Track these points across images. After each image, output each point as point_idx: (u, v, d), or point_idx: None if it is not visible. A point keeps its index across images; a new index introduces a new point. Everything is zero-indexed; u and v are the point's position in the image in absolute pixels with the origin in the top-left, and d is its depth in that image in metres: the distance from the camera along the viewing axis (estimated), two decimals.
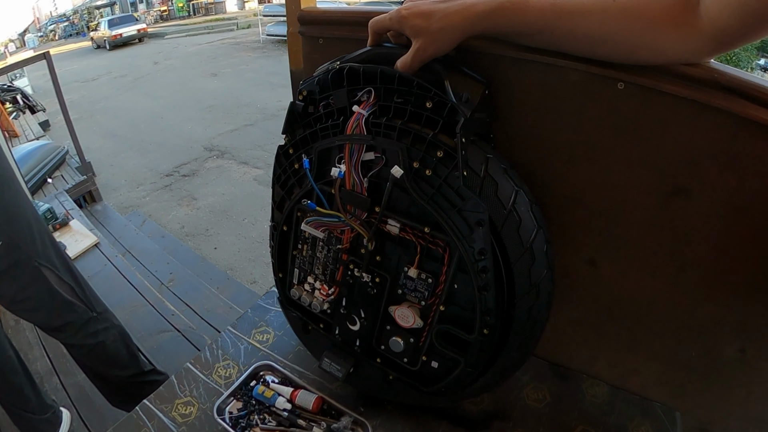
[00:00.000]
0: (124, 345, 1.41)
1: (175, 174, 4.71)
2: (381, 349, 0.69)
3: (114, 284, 2.21)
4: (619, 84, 0.57)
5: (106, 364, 1.38)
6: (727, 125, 0.54)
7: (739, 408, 0.71)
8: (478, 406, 0.76)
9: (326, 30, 0.76)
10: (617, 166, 0.62)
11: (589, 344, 0.78)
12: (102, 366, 1.39)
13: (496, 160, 0.55)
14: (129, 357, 1.42)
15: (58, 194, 3.05)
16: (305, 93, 0.63)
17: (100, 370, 1.41)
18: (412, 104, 0.56)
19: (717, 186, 0.58)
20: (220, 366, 0.83)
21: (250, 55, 10.78)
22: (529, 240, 0.55)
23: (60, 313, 1.23)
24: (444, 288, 0.60)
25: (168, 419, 0.74)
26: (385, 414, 0.74)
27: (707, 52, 0.51)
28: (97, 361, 1.37)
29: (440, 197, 0.55)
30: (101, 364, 1.38)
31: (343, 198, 0.61)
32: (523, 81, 0.62)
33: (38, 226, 1.18)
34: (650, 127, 0.58)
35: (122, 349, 1.40)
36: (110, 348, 1.35)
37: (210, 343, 0.88)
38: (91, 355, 1.34)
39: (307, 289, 0.73)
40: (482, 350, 0.60)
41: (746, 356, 0.66)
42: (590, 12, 0.51)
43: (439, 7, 0.54)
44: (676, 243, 0.64)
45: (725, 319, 0.65)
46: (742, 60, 5.08)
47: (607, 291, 0.72)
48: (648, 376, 0.75)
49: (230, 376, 0.81)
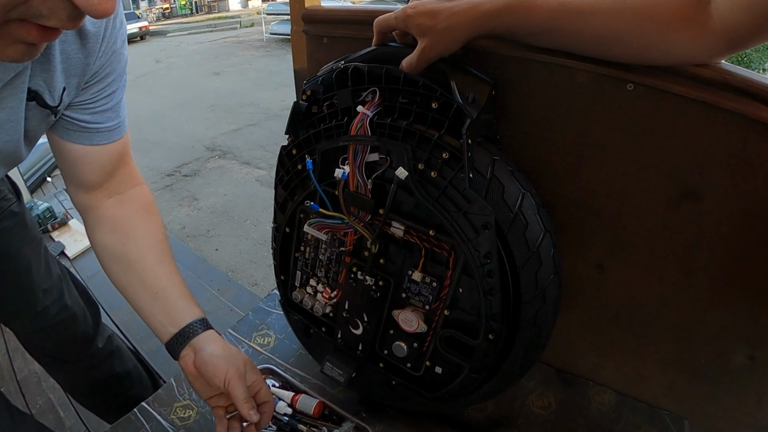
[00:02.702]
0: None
1: (177, 174, 4.70)
2: (384, 354, 0.68)
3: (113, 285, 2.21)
4: (628, 85, 0.56)
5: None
6: (739, 127, 0.53)
7: (749, 416, 0.70)
8: (482, 412, 0.75)
9: (330, 29, 0.75)
10: (626, 168, 0.61)
11: (596, 350, 0.77)
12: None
13: (502, 162, 0.54)
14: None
15: (57, 193, 3.03)
16: (309, 93, 0.63)
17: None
18: (417, 105, 0.55)
19: (728, 189, 0.57)
20: None
21: (253, 54, 10.80)
22: (535, 244, 0.54)
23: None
24: (449, 292, 0.59)
25: (167, 422, 0.73)
26: (387, 420, 0.73)
27: (718, 53, 0.50)
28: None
29: (445, 199, 0.54)
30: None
31: (347, 199, 0.60)
32: (531, 81, 0.61)
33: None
34: (660, 129, 0.57)
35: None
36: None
37: None
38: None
39: (309, 292, 0.72)
40: (487, 356, 0.59)
41: (756, 363, 0.65)
42: (599, 11, 0.50)
43: (446, 6, 0.53)
44: (686, 247, 0.63)
45: (735, 325, 0.64)
46: (754, 61, 5.04)
47: (614, 296, 0.71)
48: (656, 383, 0.74)
49: None
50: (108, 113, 0.63)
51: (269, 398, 0.66)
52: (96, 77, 0.58)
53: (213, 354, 0.63)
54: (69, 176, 0.67)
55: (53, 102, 0.54)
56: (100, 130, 0.63)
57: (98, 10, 0.32)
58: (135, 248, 0.68)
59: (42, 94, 0.53)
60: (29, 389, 1.68)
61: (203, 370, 0.62)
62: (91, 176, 0.66)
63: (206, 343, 0.64)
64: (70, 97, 0.57)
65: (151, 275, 0.67)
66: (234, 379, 0.61)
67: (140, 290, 0.67)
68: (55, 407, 1.61)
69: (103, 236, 0.69)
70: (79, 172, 0.66)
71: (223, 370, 0.61)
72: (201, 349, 0.63)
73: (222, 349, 0.64)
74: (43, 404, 1.62)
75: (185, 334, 0.65)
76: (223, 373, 0.61)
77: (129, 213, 0.70)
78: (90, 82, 0.58)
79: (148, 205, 0.73)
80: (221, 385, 0.61)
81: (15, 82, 0.49)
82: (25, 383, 1.70)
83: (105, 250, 0.69)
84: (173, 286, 0.68)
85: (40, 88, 0.52)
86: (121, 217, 0.69)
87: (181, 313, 0.66)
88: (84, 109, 0.60)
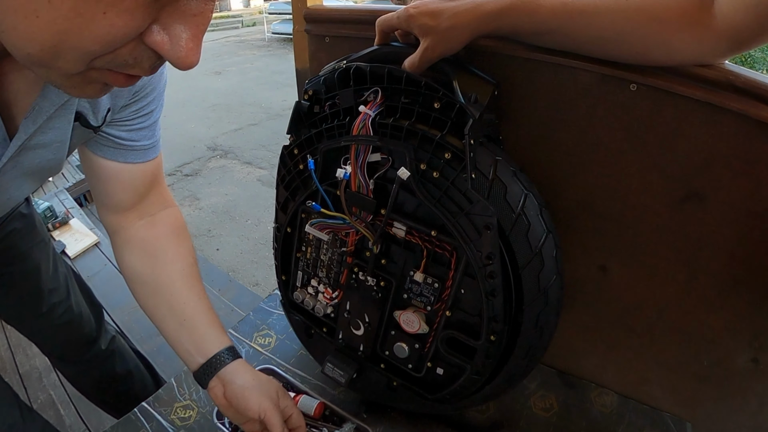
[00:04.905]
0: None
1: (178, 173, 4.70)
2: (385, 355, 0.68)
3: (114, 284, 2.19)
4: (631, 85, 0.56)
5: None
6: (742, 128, 0.53)
7: (752, 419, 0.69)
8: (483, 414, 0.75)
9: (333, 28, 0.75)
10: (629, 169, 0.61)
11: (598, 352, 0.77)
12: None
13: (505, 163, 0.54)
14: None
15: (58, 192, 3.04)
16: (311, 92, 0.62)
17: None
18: (419, 105, 0.54)
19: (731, 191, 0.56)
20: None
21: (255, 54, 10.80)
22: (538, 245, 0.54)
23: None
24: (450, 293, 0.58)
25: (167, 422, 0.73)
26: (388, 421, 0.73)
27: (722, 53, 0.50)
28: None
29: (448, 200, 0.54)
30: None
31: (349, 200, 0.60)
32: (534, 82, 0.61)
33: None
34: (663, 129, 0.57)
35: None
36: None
37: None
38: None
39: (310, 293, 0.72)
40: (489, 357, 0.59)
41: (759, 366, 0.64)
42: (603, 11, 0.50)
43: (448, 6, 0.53)
44: (689, 249, 0.62)
45: (738, 327, 0.64)
46: (758, 62, 5.01)
47: (617, 297, 0.70)
48: (658, 386, 0.74)
49: None
50: (144, 131, 0.62)
51: (301, 423, 0.66)
52: (138, 95, 0.58)
53: (244, 387, 0.63)
54: (100, 195, 0.66)
55: (96, 123, 0.54)
56: (135, 149, 0.62)
57: (185, 63, 0.32)
58: (164, 272, 0.67)
59: (86, 115, 0.53)
60: (31, 384, 1.68)
61: (235, 403, 0.62)
62: (122, 196, 0.66)
63: (235, 375, 0.63)
64: (112, 116, 0.57)
65: (179, 301, 0.66)
66: (269, 410, 0.61)
67: (168, 316, 0.66)
68: (55, 404, 1.61)
69: (132, 258, 0.68)
70: (110, 191, 0.65)
71: (256, 402, 0.61)
72: (231, 381, 0.63)
73: (252, 380, 0.64)
74: (44, 400, 1.62)
75: (213, 365, 0.64)
76: (257, 405, 0.61)
77: (159, 236, 0.69)
78: (132, 99, 0.58)
79: (180, 228, 0.72)
80: (256, 417, 0.61)
81: (66, 104, 0.49)
82: (26, 378, 1.70)
83: (134, 273, 0.68)
84: (201, 313, 0.67)
85: (85, 110, 0.52)
86: (152, 239, 0.68)
87: (208, 342, 0.65)
88: (122, 125, 0.60)
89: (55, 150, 0.53)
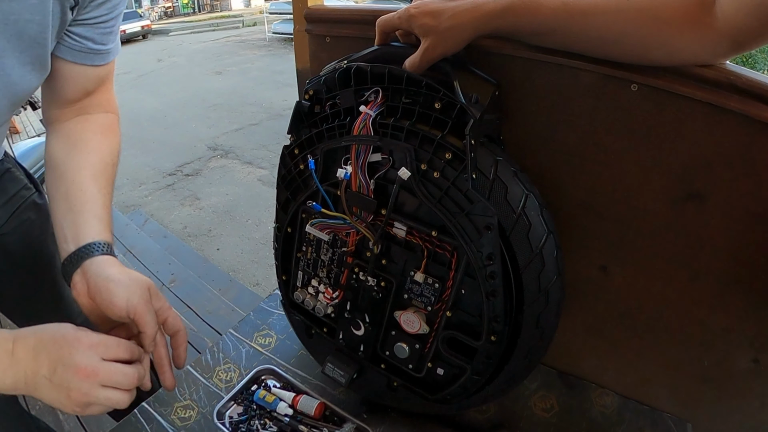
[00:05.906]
0: None
1: (178, 173, 4.71)
2: (385, 355, 0.68)
3: None
4: (632, 86, 0.56)
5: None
6: (743, 129, 0.53)
7: (753, 420, 0.69)
8: (484, 414, 0.75)
9: (333, 28, 0.75)
10: (630, 170, 0.61)
11: (598, 352, 0.77)
12: None
13: (505, 163, 0.54)
14: None
15: None
16: (311, 92, 0.62)
17: None
18: (420, 105, 0.55)
19: (732, 191, 0.56)
20: (220, 369, 0.82)
21: (255, 53, 10.81)
22: (538, 245, 0.54)
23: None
24: (451, 293, 0.58)
25: (167, 422, 0.73)
26: (388, 421, 0.73)
27: (723, 53, 0.50)
28: None
29: (448, 200, 0.54)
30: None
31: (349, 200, 0.60)
32: (534, 82, 0.61)
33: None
34: (664, 130, 0.57)
35: None
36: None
37: (211, 345, 0.87)
38: None
39: (310, 293, 0.72)
40: (489, 357, 0.59)
41: (760, 366, 0.64)
42: (604, 11, 0.50)
43: (449, 6, 0.53)
44: (690, 250, 0.62)
45: (739, 328, 0.64)
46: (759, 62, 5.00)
47: (618, 298, 0.70)
48: (659, 386, 0.74)
49: (231, 379, 0.80)
50: (112, 35, 0.64)
51: (180, 326, 0.58)
52: None
53: (110, 279, 0.54)
54: (50, 93, 0.67)
55: (71, 2, 0.55)
56: (101, 52, 0.64)
57: None
58: (76, 159, 0.65)
59: None
60: None
61: (99, 300, 0.54)
62: (72, 94, 0.66)
63: (101, 267, 0.55)
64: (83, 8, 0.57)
65: (78, 188, 0.62)
66: (140, 307, 0.52)
67: (61, 201, 0.61)
68: (54, 409, 1.60)
69: (55, 146, 0.67)
70: (60, 87, 0.65)
71: (123, 297, 0.52)
72: (95, 274, 0.55)
73: (120, 274, 0.55)
74: (42, 405, 1.62)
75: (80, 254, 0.56)
76: (124, 301, 0.52)
77: (86, 130, 0.68)
78: None
79: (109, 129, 0.71)
80: (124, 315, 0.52)
81: None
82: None
83: (50, 159, 0.66)
84: (94, 205, 0.61)
85: None
86: (78, 131, 0.68)
87: (86, 231, 0.58)
88: (94, 27, 0.61)
89: (33, 9, 0.51)
